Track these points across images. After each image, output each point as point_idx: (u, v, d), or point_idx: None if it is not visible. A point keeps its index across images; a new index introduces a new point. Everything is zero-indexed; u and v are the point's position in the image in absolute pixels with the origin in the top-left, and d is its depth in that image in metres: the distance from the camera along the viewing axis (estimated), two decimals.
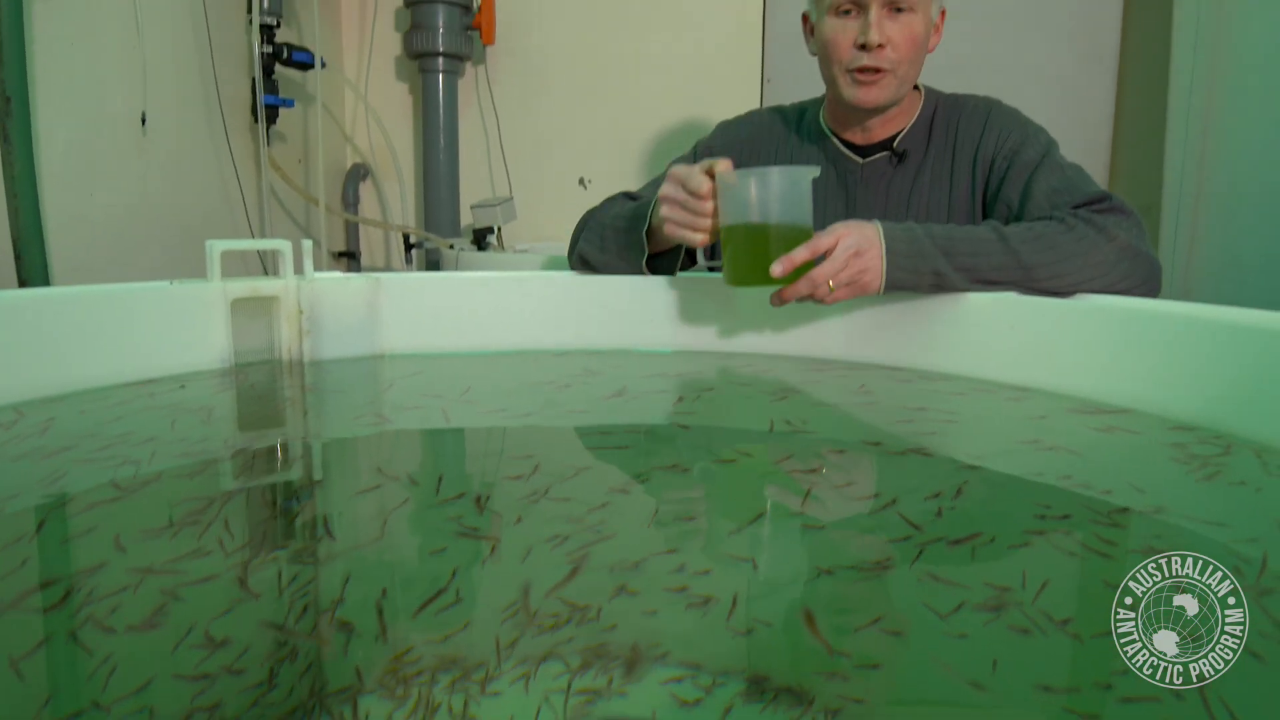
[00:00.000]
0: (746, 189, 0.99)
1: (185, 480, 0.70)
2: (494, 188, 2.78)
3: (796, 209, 0.99)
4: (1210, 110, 1.84)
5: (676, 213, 1.07)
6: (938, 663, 0.45)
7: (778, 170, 0.99)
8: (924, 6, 1.17)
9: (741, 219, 1.00)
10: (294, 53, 2.30)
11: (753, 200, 0.98)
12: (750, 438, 0.87)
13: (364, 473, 0.76)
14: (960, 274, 1.01)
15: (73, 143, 1.74)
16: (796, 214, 0.99)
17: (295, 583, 0.52)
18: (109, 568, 0.53)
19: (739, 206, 1.00)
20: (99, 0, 1.79)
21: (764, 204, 0.98)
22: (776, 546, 0.61)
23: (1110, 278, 1.01)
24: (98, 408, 0.89)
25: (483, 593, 0.52)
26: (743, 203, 0.99)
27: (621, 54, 2.69)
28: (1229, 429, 0.80)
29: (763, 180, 0.98)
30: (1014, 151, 1.18)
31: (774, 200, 0.98)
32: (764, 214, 0.98)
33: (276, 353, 1.09)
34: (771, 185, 0.98)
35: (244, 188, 2.28)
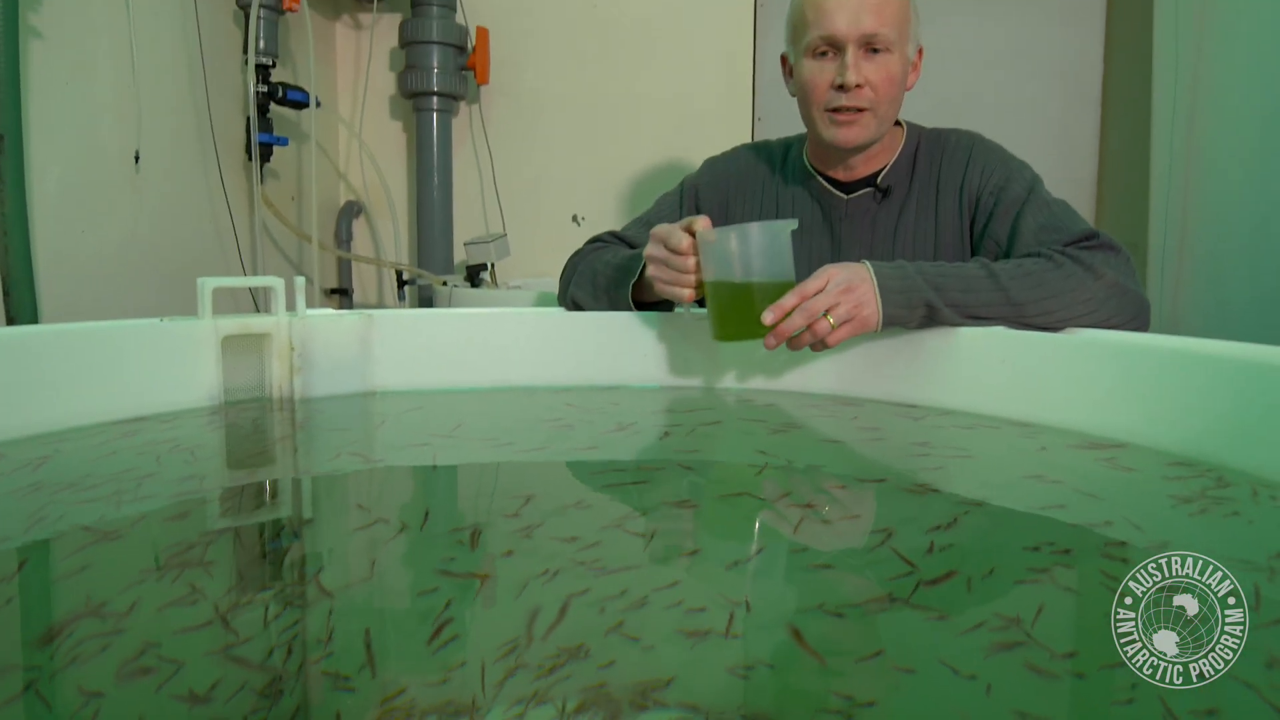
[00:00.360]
0: (726, 246, 1.00)
1: (171, 519, 0.69)
2: (487, 225, 2.80)
3: (777, 263, 1.00)
4: (1192, 146, 1.86)
5: (662, 271, 1.09)
6: (941, 701, 0.44)
7: (757, 226, 1.00)
8: (900, 46, 1.18)
9: (723, 275, 1.01)
10: (289, 92, 2.32)
11: (733, 256, 1.00)
12: (749, 473, 0.87)
13: (353, 511, 0.75)
14: (951, 309, 1.01)
15: (65, 180, 1.74)
16: (777, 268, 1.00)
17: (280, 624, 0.51)
18: (91, 610, 0.52)
19: (720, 263, 1.01)
20: (95, 39, 1.80)
21: (744, 259, 1.00)
22: (777, 583, 0.61)
23: (1099, 314, 1.01)
24: (87, 446, 0.88)
25: (474, 633, 0.52)
26: (723, 259, 1.01)
27: (614, 93, 2.72)
28: (1220, 461, 0.80)
29: (742, 236, 1.00)
30: (999, 188, 1.19)
31: (754, 256, 1.00)
32: (745, 270, 1.00)
33: (268, 390, 1.09)
34: (751, 241, 1.00)
35: (237, 225, 2.29)
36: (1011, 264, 1.05)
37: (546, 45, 2.74)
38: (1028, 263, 1.05)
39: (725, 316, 1.03)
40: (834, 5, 1.15)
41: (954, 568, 0.59)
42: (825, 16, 1.16)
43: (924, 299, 1.01)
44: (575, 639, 0.48)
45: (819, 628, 0.51)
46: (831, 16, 1.15)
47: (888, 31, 1.15)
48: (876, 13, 1.15)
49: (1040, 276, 1.02)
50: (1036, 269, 1.03)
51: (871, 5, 1.15)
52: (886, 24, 1.15)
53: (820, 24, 1.16)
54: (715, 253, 1.02)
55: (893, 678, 0.46)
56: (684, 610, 0.52)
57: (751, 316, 0.99)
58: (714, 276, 1.02)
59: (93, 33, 1.79)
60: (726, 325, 1.03)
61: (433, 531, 0.68)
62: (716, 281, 1.02)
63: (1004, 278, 1.02)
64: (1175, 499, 0.73)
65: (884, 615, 0.53)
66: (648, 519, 0.72)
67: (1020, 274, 1.03)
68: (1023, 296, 1.01)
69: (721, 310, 1.03)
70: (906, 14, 1.19)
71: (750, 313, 0.99)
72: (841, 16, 1.15)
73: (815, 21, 1.17)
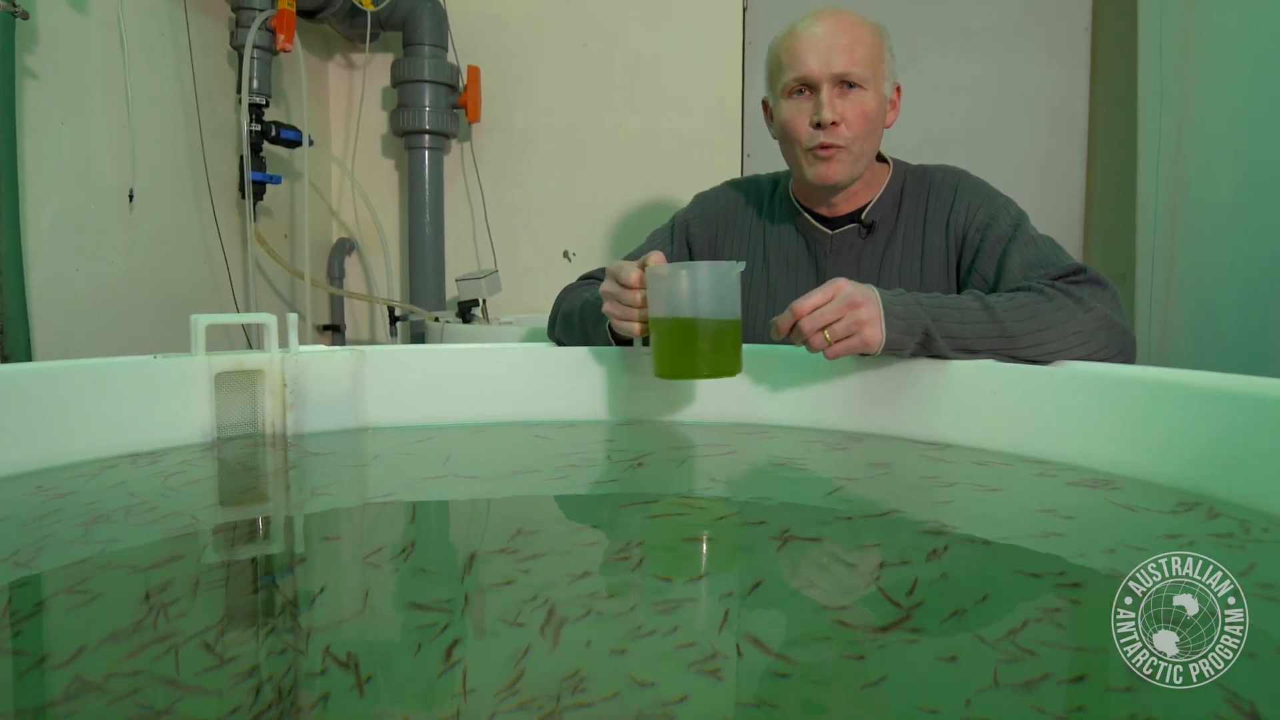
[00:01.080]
0: (673, 283, 1.01)
1: (160, 557, 0.69)
2: (479, 261, 2.81)
3: (723, 303, 1.01)
4: (1178, 179, 1.89)
5: (612, 305, 1.10)
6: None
7: (705, 265, 1.01)
8: (875, 84, 1.21)
9: (669, 312, 1.01)
10: (282, 130, 2.34)
11: (680, 294, 1.00)
12: (749, 505, 0.87)
13: (345, 547, 0.75)
14: (946, 340, 1.02)
15: (60, 218, 1.75)
16: (723, 308, 1.01)
17: (268, 663, 0.51)
18: (77, 648, 0.52)
19: (666, 300, 1.02)
20: (90, 79, 1.82)
21: (692, 298, 1.00)
22: (776, 619, 0.61)
23: (1089, 347, 1.02)
24: (79, 482, 0.88)
25: (471, 667, 0.51)
26: (670, 296, 1.01)
27: (604, 130, 2.75)
28: (1210, 493, 0.80)
29: (690, 274, 1.00)
30: (986, 225, 1.21)
31: (701, 295, 1.00)
32: (692, 308, 1.00)
33: (260, 426, 1.09)
34: (699, 280, 1.00)
35: (230, 262, 2.29)
36: (1004, 296, 1.06)
37: (538, 84, 2.77)
38: (1020, 295, 1.06)
39: (664, 352, 1.03)
40: (806, 47, 1.20)
41: (964, 601, 0.59)
42: (798, 59, 1.20)
43: (923, 326, 1.01)
44: (572, 668, 0.48)
45: (826, 660, 0.51)
46: (804, 58, 1.20)
47: (860, 70, 1.19)
48: (848, 52, 1.19)
49: (1034, 308, 1.03)
50: (1029, 301, 1.04)
51: (843, 45, 1.19)
52: (858, 63, 1.19)
53: (794, 66, 1.21)
54: (662, 290, 1.02)
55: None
56: (683, 644, 0.52)
57: (692, 353, 1.00)
58: (659, 313, 1.03)
59: (88, 73, 1.81)
60: (664, 361, 1.03)
61: (427, 566, 0.68)
62: (660, 318, 1.03)
63: (999, 309, 1.03)
64: (1164, 528, 0.74)
65: (879, 650, 0.53)
66: (639, 553, 0.72)
67: (1014, 306, 1.04)
68: (1017, 328, 1.01)
69: (660, 345, 1.03)
70: (880, 53, 1.23)
71: (690, 349, 1.00)
72: (814, 57, 1.19)
73: (789, 64, 1.22)
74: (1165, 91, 1.91)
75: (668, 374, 1.04)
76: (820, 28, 1.21)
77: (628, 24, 2.72)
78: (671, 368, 1.03)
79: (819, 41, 1.19)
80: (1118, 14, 2.41)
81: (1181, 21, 1.85)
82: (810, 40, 1.20)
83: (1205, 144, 1.82)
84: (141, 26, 1.97)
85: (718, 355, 1.01)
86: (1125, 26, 2.26)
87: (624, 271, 1.07)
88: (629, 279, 1.06)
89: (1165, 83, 1.91)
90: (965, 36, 2.55)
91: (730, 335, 1.02)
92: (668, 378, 1.06)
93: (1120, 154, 2.36)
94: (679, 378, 1.04)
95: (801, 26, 1.22)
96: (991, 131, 2.56)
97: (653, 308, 1.04)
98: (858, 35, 1.20)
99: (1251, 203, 1.70)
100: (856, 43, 1.20)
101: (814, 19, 1.22)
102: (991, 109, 2.56)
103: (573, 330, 1.26)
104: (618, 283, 1.08)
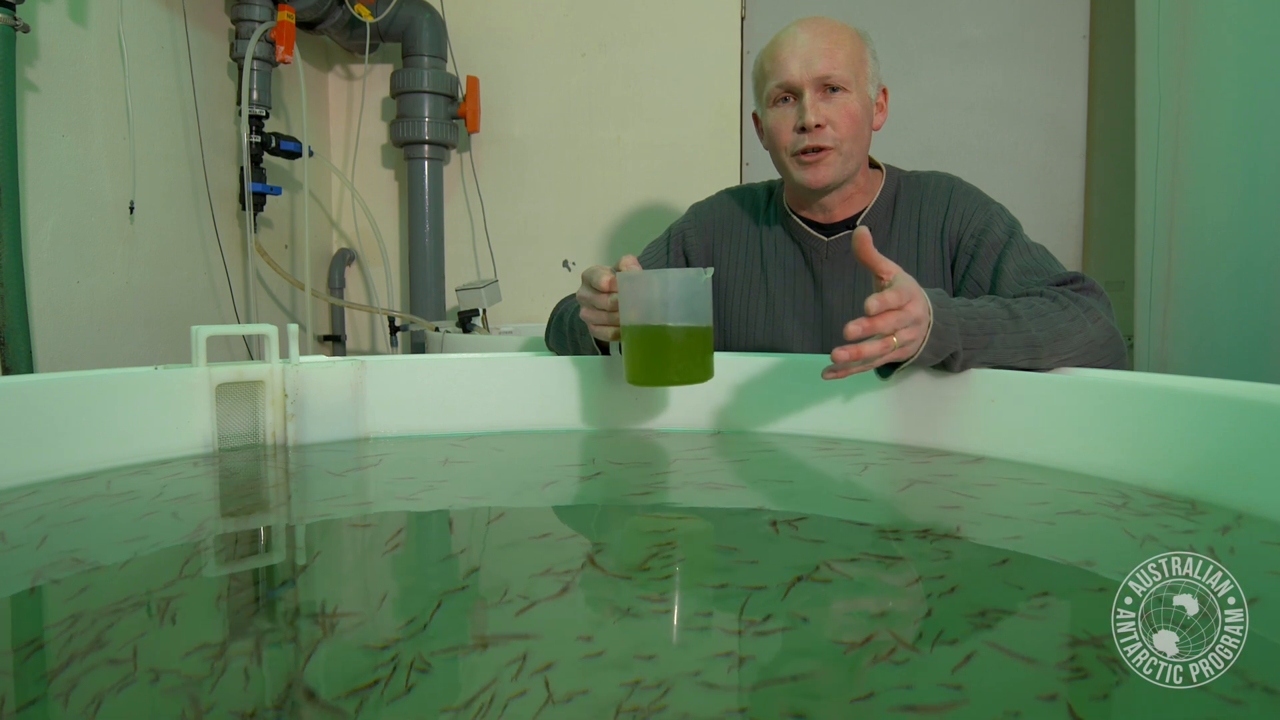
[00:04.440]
0: (643, 289, 1.00)
1: (159, 567, 0.69)
2: (479, 271, 2.82)
3: (692, 309, 1.00)
4: (1176, 188, 1.89)
5: (588, 311, 1.10)
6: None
7: (675, 272, 1.00)
8: (858, 86, 1.23)
9: (639, 319, 1.01)
10: (282, 142, 2.35)
11: (652, 300, 0.99)
12: (753, 519, 0.87)
13: (345, 558, 0.75)
14: (963, 364, 0.99)
15: (61, 231, 1.75)
16: (692, 314, 1.00)
17: (273, 671, 0.51)
18: (76, 657, 0.52)
19: (636, 306, 1.01)
20: (90, 92, 1.83)
21: (663, 304, 0.99)
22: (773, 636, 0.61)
23: (1093, 354, 1.03)
24: (80, 493, 0.88)
25: (471, 677, 0.51)
26: (640, 302, 1.00)
27: (603, 140, 2.76)
28: (1208, 498, 0.80)
29: (660, 281, 0.99)
30: (980, 231, 1.22)
31: (671, 301, 0.99)
32: (663, 314, 0.99)
33: (261, 436, 1.09)
34: (668, 287, 0.99)
35: (230, 273, 2.30)
36: (1023, 303, 1.03)
37: (536, 94, 2.78)
38: (1036, 302, 1.04)
39: (635, 359, 1.02)
40: (787, 54, 1.22)
41: (973, 610, 0.59)
42: (780, 66, 1.23)
43: (950, 350, 0.97)
44: (578, 685, 0.48)
45: (835, 677, 0.51)
46: (785, 65, 1.22)
47: (841, 72, 1.21)
48: (828, 56, 1.21)
49: (1051, 317, 1.01)
50: (1045, 308, 1.02)
51: (823, 49, 1.21)
52: (839, 66, 1.21)
53: (776, 73, 1.23)
54: (633, 296, 1.01)
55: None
56: (698, 657, 0.52)
57: (662, 360, 0.99)
58: (630, 319, 1.02)
59: (88, 86, 1.82)
60: (636, 368, 1.02)
61: (426, 575, 0.68)
62: (631, 325, 1.02)
63: (1025, 318, 1.00)
64: (1161, 533, 0.74)
65: (878, 665, 0.53)
66: (639, 569, 0.72)
67: (1035, 314, 1.01)
68: (1041, 336, 0.99)
69: (631, 351, 1.02)
70: (862, 56, 1.24)
71: (660, 356, 0.99)
72: (795, 63, 1.21)
73: (772, 72, 1.24)
74: (1163, 100, 1.92)
75: (639, 380, 1.03)
76: (800, 34, 1.23)
77: (626, 35, 2.73)
78: (643, 374, 1.02)
79: (800, 47, 1.21)
80: (1115, 23, 2.43)
81: (1179, 31, 1.86)
82: (791, 47, 1.22)
83: (1203, 153, 1.83)
84: (142, 39, 1.98)
85: (687, 362, 1.00)
86: (1123, 35, 2.28)
87: (595, 276, 1.06)
88: (600, 283, 1.05)
89: (1163, 91, 1.92)
90: (963, 47, 2.56)
91: (700, 342, 1.01)
92: (639, 384, 1.05)
93: (1118, 163, 2.37)
94: (650, 384, 1.03)
95: (783, 35, 1.25)
96: (990, 141, 2.56)
97: (624, 314, 1.03)
98: (837, 39, 1.22)
99: (1249, 211, 1.71)
100: (836, 46, 1.21)
101: (795, 26, 1.24)
102: (990, 119, 2.57)
103: (563, 339, 1.27)
104: (590, 287, 1.08)
